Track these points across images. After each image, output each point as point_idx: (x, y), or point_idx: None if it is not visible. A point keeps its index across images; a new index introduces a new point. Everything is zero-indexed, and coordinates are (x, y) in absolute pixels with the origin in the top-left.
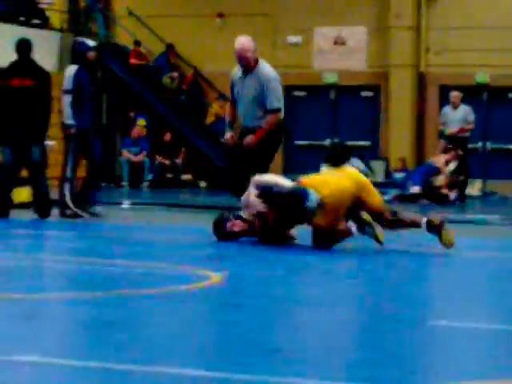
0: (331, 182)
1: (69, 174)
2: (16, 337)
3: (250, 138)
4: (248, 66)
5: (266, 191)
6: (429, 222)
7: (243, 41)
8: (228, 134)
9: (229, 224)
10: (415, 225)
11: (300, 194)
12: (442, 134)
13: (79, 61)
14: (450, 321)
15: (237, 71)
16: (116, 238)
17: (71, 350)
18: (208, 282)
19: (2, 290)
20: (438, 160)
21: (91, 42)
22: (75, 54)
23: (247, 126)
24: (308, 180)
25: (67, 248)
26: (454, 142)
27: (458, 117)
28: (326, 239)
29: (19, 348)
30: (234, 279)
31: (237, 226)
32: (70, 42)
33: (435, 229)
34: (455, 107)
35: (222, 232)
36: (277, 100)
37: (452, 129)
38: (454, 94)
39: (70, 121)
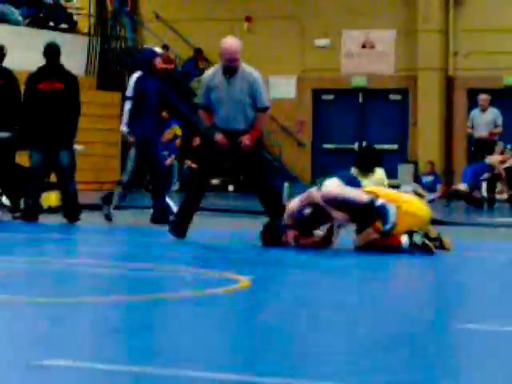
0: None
1: (124, 178)
2: (47, 341)
3: (247, 139)
4: (237, 67)
5: (338, 203)
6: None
7: (233, 42)
8: (220, 136)
9: (284, 233)
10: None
11: (380, 212)
12: (470, 138)
13: (144, 68)
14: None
15: (213, 75)
16: (145, 242)
17: (102, 354)
18: (237, 286)
19: (32, 294)
20: (494, 160)
21: (158, 50)
22: (140, 60)
23: (237, 128)
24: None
25: (96, 252)
26: (483, 146)
27: (487, 120)
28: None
29: (50, 352)
30: (263, 283)
31: (290, 236)
32: (97, 47)
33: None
34: (483, 110)
35: (272, 239)
36: (267, 98)
37: (480, 132)
38: (483, 97)
39: (125, 128)
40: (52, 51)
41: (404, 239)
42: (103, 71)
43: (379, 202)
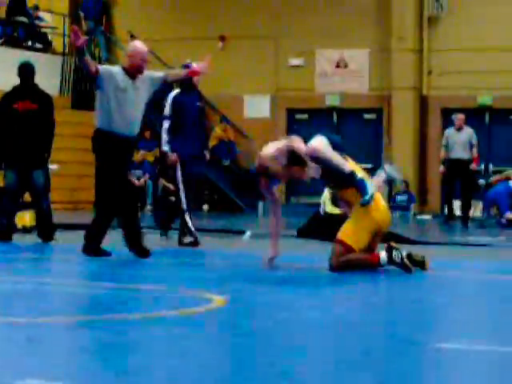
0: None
1: (184, 205)
2: (19, 361)
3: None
4: (144, 70)
5: (320, 162)
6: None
7: (142, 44)
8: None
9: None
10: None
11: (359, 185)
12: (445, 159)
13: (182, 84)
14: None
15: (115, 72)
16: (122, 261)
17: (74, 375)
18: (211, 305)
19: (4, 314)
20: None
21: (195, 64)
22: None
23: (134, 135)
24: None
25: (70, 271)
26: (457, 166)
27: (463, 139)
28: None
29: (22, 372)
30: (238, 302)
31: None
32: (71, 66)
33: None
34: (459, 129)
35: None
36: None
37: (455, 152)
38: (459, 117)
39: (166, 147)
40: (26, 71)
41: (382, 255)
42: (77, 91)
43: (359, 175)
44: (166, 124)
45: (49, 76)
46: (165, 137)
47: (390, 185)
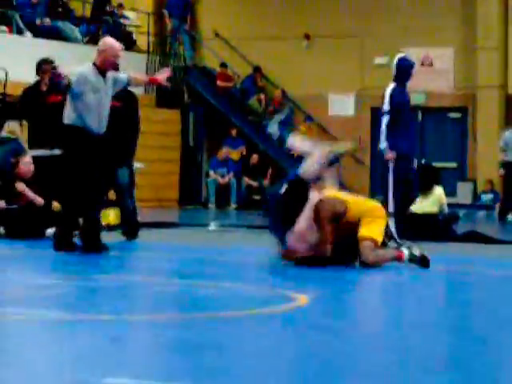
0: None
1: (392, 208)
2: (105, 359)
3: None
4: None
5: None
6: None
7: (113, 41)
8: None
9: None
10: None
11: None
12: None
13: (399, 79)
14: None
15: (87, 73)
16: (202, 259)
17: (159, 373)
18: (294, 304)
19: (89, 312)
20: None
21: (411, 59)
22: (398, 70)
23: (103, 132)
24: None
25: (155, 269)
26: None
27: None
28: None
29: (109, 370)
30: (321, 300)
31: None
32: (156, 64)
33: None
34: None
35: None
36: None
37: None
38: None
39: (384, 144)
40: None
41: (406, 252)
42: (162, 89)
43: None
44: (385, 119)
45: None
46: (384, 133)
47: (475, 184)
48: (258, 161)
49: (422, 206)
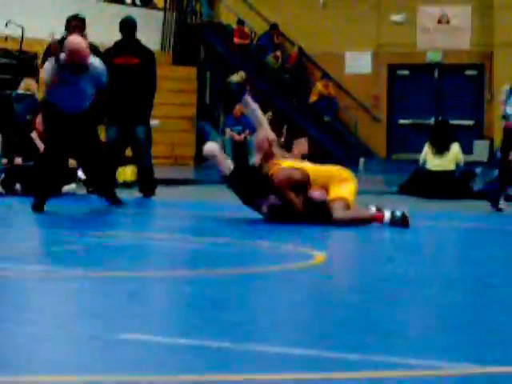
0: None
1: None
2: (124, 315)
3: None
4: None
5: None
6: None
7: (76, 40)
8: None
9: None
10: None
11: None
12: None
13: None
14: None
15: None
16: (219, 217)
17: (175, 329)
18: (313, 261)
19: (106, 269)
20: None
21: None
22: None
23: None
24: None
25: (171, 226)
26: None
27: None
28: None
29: (125, 326)
30: (337, 258)
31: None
32: (172, 22)
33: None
34: None
35: None
36: None
37: None
38: None
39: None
40: (128, 26)
41: (387, 214)
42: (179, 46)
43: None
44: None
45: (150, 32)
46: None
47: (492, 142)
48: (273, 118)
49: (439, 163)
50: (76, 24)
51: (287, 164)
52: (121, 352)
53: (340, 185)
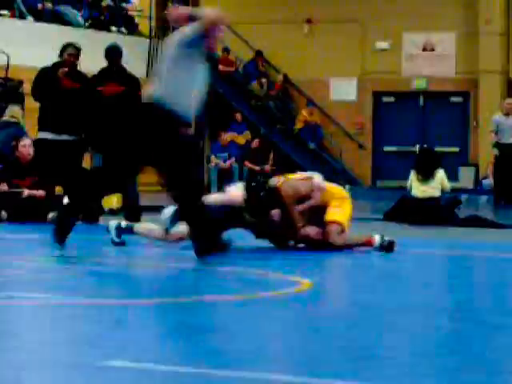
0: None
1: None
2: (106, 342)
3: None
4: None
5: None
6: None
7: None
8: None
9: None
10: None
11: None
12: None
13: None
14: None
15: None
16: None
17: (161, 356)
18: (298, 288)
19: (92, 296)
20: None
21: None
22: None
23: None
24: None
25: (156, 253)
26: (508, 151)
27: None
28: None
29: (110, 353)
30: (324, 285)
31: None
32: (158, 48)
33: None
34: (507, 114)
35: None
36: None
37: (507, 138)
38: (509, 101)
39: None
40: (114, 53)
41: (377, 238)
42: None
43: None
44: None
45: (135, 59)
46: None
47: (477, 169)
48: (260, 145)
49: (425, 189)
50: (72, 52)
51: (292, 176)
52: (108, 379)
53: (339, 206)
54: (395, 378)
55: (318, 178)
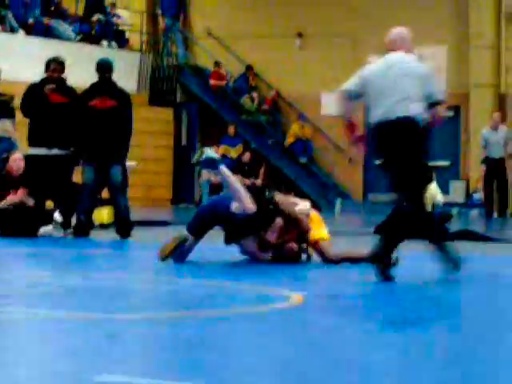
0: None
1: None
2: (101, 357)
3: None
4: None
5: None
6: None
7: None
8: None
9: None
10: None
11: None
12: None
13: None
14: None
15: None
16: (196, 258)
17: (154, 370)
18: (288, 303)
19: (83, 310)
20: None
21: None
22: None
23: None
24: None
25: (147, 268)
26: (496, 165)
27: (499, 138)
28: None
29: (102, 367)
30: (314, 299)
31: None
32: (149, 63)
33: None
34: (495, 128)
35: None
36: None
37: (495, 152)
38: (496, 115)
39: None
40: (105, 68)
41: None
42: (155, 88)
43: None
44: None
45: (126, 73)
46: None
47: (468, 183)
48: (251, 159)
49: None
50: (55, 67)
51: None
52: None
53: (318, 225)
54: None
55: (304, 205)
